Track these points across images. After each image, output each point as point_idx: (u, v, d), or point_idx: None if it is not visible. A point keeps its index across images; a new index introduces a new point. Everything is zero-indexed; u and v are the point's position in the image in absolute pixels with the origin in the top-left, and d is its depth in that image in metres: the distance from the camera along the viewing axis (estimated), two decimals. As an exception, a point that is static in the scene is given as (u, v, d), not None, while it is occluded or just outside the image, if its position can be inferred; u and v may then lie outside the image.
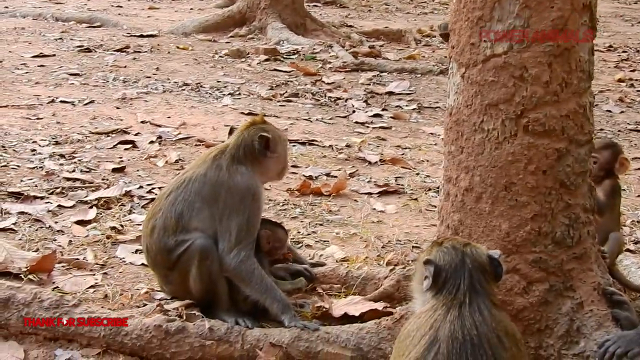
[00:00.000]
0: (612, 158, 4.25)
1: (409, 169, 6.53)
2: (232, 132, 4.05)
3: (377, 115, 8.24)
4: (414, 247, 4.88)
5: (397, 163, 6.63)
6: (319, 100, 8.71)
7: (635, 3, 20.27)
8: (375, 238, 4.99)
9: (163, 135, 6.85)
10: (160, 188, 5.18)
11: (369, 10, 16.78)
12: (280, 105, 8.38)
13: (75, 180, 5.62)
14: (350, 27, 13.90)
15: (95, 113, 7.49)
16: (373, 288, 4.02)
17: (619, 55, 12.84)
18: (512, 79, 3.27)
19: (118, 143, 6.58)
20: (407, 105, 8.81)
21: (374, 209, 5.58)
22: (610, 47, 13.50)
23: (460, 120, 3.44)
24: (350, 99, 8.80)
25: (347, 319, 3.73)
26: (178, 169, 5.86)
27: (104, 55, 10.25)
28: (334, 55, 11.07)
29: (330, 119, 7.97)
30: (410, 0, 18.20)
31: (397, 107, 8.73)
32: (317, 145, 6.98)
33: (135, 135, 6.83)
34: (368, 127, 7.80)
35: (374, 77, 10.04)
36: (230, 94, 8.67)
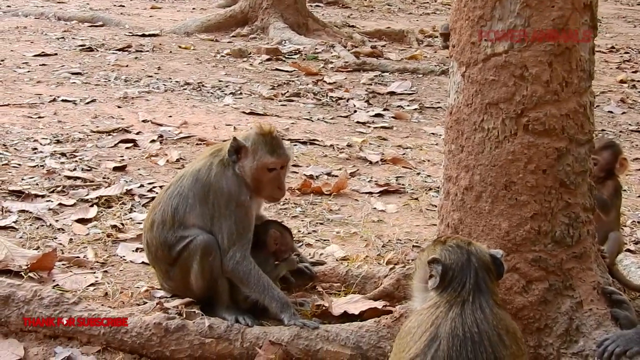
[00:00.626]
0: (612, 158, 4.25)
1: (410, 169, 6.54)
2: None
3: (378, 115, 8.25)
4: (414, 246, 4.88)
5: (398, 163, 6.64)
6: (321, 100, 8.71)
7: (638, 4, 20.25)
8: (376, 237, 4.99)
9: (164, 134, 6.86)
10: (161, 187, 5.19)
11: (371, 11, 16.78)
12: (282, 105, 8.39)
13: (76, 179, 5.63)
14: (352, 27, 13.90)
15: (97, 112, 7.50)
16: (373, 287, 4.03)
17: (621, 57, 12.84)
18: (512, 78, 3.27)
19: (119, 142, 6.59)
20: (408, 105, 8.82)
21: (375, 209, 5.58)
22: (613, 48, 13.49)
23: (461, 119, 3.44)
24: (352, 99, 8.81)
25: (346, 318, 3.74)
26: (179, 168, 5.86)
27: (106, 55, 10.26)
28: (336, 55, 11.08)
29: (332, 119, 7.97)
30: (413, 1, 18.21)
31: (398, 107, 8.73)
32: (318, 145, 6.99)
33: (137, 134, 6.84)
34: (369, 126, 7.80)
35: (376, 77, 10.04)
36: (232, 94, 8.68)
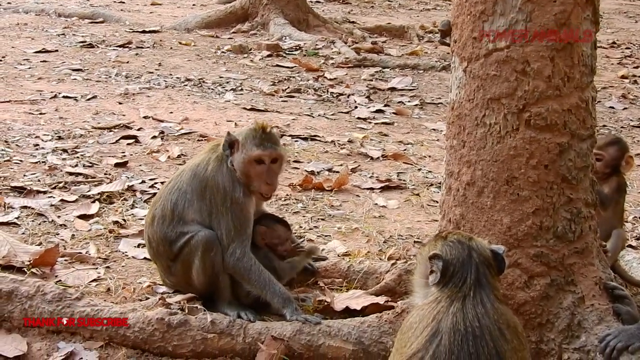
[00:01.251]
0: (618, 155, 4.19)
1: (411, 165, 6.54)
2: None
3: (379, 111, 8.24)
4: (416, 242, 4.88)
5: (399, 158, 6.64)
6: (321, 96, 8.71)
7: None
8: (377, 233, 5.00)
9: (165, 131, 6.86)
10: (163, 183, 5.19)
11: (372, 7, 16.77)
12: (283, 101, 8.39)
13: (78, 175, 5.63)
14: (353, 23, 13.89)
15: (98, 108, 7.51)
16: (374, 282, 4.03)
17: (623, 52, 12.84)
18: (514, 73, 3.27)
19: (120, 138, 6.59)
20: (409, 101, 8.81)
21: (376, 204, 5.58)
22: (614, 43, 13.48)
23: (462, 115, 3.44)
24: (353, 95, 8.81)
25: (348, 313, 3.75)
26: (180, 164, 5.86)
27: (107, 51, 10.26)
28: (337, 51, 11.07)
29: (333, 115, 7.97)
30: (413, -3, 18.19)
31: (399, 103, 8.73)
32: (319, 141, 6.99)
33: (138, 131, 6.84)
34: (370, 122, 7.80)
35: (376, 73, 10.04)
36: (233, 90, 8.68)
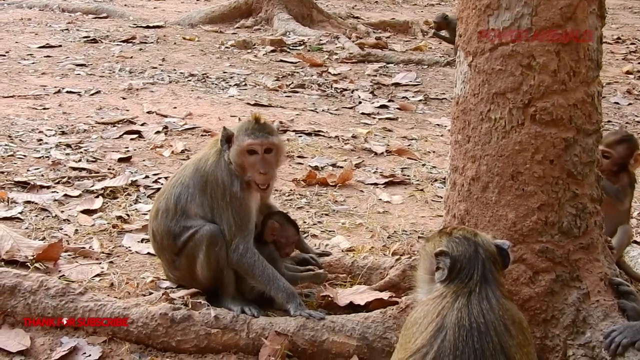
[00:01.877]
0: (627, 153, 4.10)
1: (415, 160, 6.52)
2: None
3: (383, 107, 8.23)
4: (420, 237, 4.86)
5: (403, 154, 6.62)
6: (325, 91, 8.69)
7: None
8: (381, 228, 4.98)
9: (169, 126, 6.85)
10: (167, 178, 5.18)
11: (376, 2, 16.73)
12: (287, 96, 8.37)
13: (82, 170, 5.63)
14: (357, 18, 13.87)
15: (102, 103, 7.50)
16: (378, 278, 4.02)
17: (627, 48, 12.79)
18: (519, 68, 3.25)
19: (124, 133, 6.59)
20: (413, 97, 8.79)
21: (380, 200, 5.57)
22: (619, 39, 13.43)
23: (467, 109, 3.42)
24: (357, 90, 8.79)
25: (352, 309, 3.73)
26: (184, 159, 5.86)
27: (110, 46, 10.25)
28: (340, 47, 11.05)
29: (337, 110, 7.95)
30: (417, -8, 18.15)
31: (403, 98, 8.71)
32: (323, 136, 6.97)
33: (142, 126, 6.84)
34: (374, 118, 7.79)
35: (380, 68, 10.02)
36: (237, 85, 8.66)
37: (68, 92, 7.82)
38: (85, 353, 3.43)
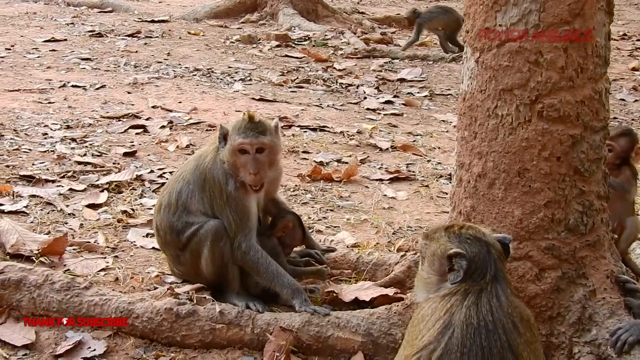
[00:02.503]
0: (629, 146, 4.13)
1: (420, 156, 6.51)
2: None
3: (388, 102, 8.21)
4: (419, 234, 4.85)
5: (408, 150, 6.61)
6: (330, 87, 8.68)
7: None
8: (386, 224, 4.97)
9: (174, 120, 6.85)
10: (171, 172, 5.18)
11: (381, -3, 16.68)
12: (292, 91, 8.36)
13: (87, 164, 5.63)
14: (362, 13, 13.84)
15: (107, 97, 7.50)
16: (384, 274, 4.01)
17: (633, 44, 12.74)
18: (527, 64, 3.23)
19: (129, 127, 6.59)
20: (418, 92, 8.77)
21: (385, 196, 5.56)
22: (625, 35, 13.38)
23: (474, 106, 3.40)
24: (362, 86, 8.77)
25: (357, 305, 3.73)
26: (189, 154, 5.86)
27: (116, 40, 10.25)
28: (346, 42, 11.03)
29: (342, 106, 7.94)
30: (423, -13, 18.09)
31: (408, 94, 8.69)
32: (328, 132, 6.96)
33: (147, 120, 6.84)
34: (379, 113, 7.77)
35: (386, 63, 10.00)
36: (242, 80, 8.66)
37: (73, 86, 7.83)
38: (90, 347, 3.43)
